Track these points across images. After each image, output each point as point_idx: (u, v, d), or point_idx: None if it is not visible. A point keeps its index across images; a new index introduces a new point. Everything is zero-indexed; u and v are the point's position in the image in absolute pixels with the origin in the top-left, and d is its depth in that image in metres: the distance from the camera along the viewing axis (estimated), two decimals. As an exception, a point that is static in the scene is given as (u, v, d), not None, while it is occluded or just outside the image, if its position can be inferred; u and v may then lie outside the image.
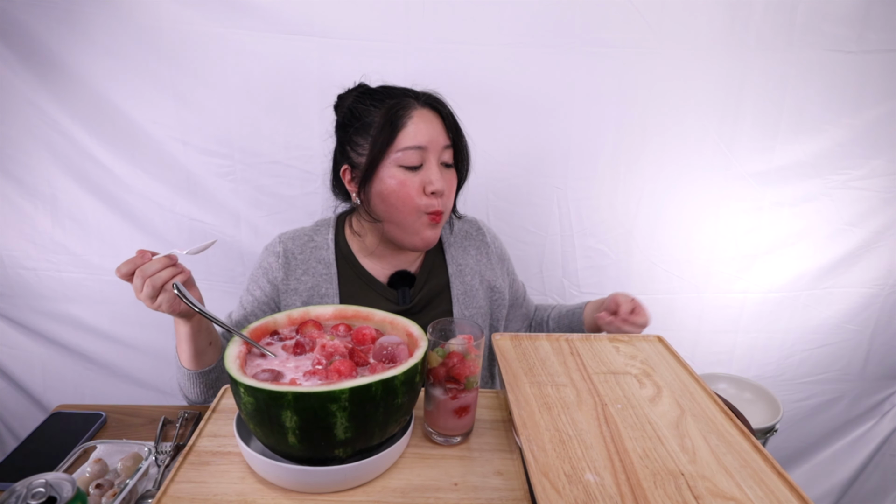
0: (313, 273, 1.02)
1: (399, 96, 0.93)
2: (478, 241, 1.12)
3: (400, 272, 1.03)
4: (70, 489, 0.59)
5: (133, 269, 0.76)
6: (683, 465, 0.62)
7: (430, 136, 0.91)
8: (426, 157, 0.92)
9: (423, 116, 0.92)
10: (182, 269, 0.79)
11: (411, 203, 0.92)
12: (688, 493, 0.58)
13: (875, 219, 1.45)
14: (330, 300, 1.00)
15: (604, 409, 0.72)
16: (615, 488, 0.58)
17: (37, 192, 1.35)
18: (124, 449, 0.86)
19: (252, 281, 1.05)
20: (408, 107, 0.92)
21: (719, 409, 0.73)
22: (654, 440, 0.67)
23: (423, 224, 0.94)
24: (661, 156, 1.39)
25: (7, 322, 1.44)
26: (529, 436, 0.66)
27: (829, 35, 1.29)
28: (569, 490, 0.57)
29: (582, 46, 1.29)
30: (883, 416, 1.66)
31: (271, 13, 1.23)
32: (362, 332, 0.74)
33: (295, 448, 0.63)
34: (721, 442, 0.67)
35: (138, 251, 0.78)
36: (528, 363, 0.82)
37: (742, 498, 0.58)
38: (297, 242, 1.05)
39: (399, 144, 0.90)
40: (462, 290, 1.06)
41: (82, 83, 1.26)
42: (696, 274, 1.50)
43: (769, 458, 0.64)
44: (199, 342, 0.89)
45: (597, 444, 0.65)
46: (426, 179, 0.92)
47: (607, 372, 0.81)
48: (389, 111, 0.91)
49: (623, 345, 0.89)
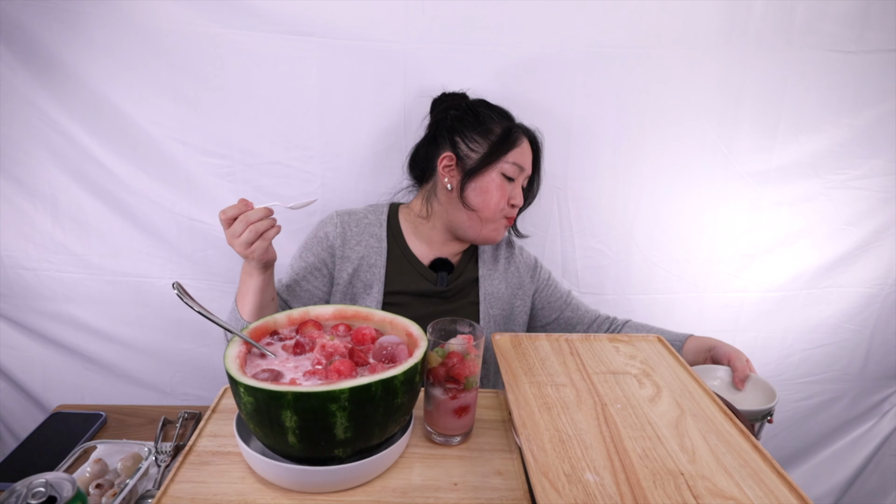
0: (366, 245, 1.15)
1: (513, 120, 1.16)
2: (506, 251, 1.27)
3: (441, 259, 1.18)
4: (70, 489, 0.59)
5: (238, 214, 0.87)
6: (683, 465, 0.63)
7: (526, 161, 1.13)
8: (518, 175, 1.12)
9: (525, 145, 1.13)
10: (276, 223, 0.91)
11: (499, 205, 1.11)
12: (687, 492, 0.58)
13: (874, 218, 1.45)
14: (377, 271, 1.13)
15: (603, 409, 0.72)
16: (615, 488, 0.58)
17: (37, 192, 1.35)
18: (124, 449, 0.86)
19: (306, 249, 1.16)
20: (520, 132, 1.13)
21: (718, 408, 0.74)
22: (654, 440, 0.67)
23: (501, 224, 1.14)
24: (661, 156, 1.39)
25: (7, 322, 1.44)
26: (529, 436, 0.66)
27: (828, 35, 1.29)
28: (568, 490, 0.58)
29: (582, 46, 1.29)
30: (883, 416, 1.66)
31: (271, 13, 1.23)
32: (362, 332, 0.74)
33: (295, 448, 0.63)
34: (720, 442, 0.67)
35: (241, 200, 0.89)
36: (527, 363, 0.83)
37: (741, 497, 0.58)
38: (354, 217, 1.18)
39: (510, 158, 1.10)
40: (488, 292, 1.20)
41: (82, 83, 1.26)
42: (695, 273, 1.50)
43: (768, 457, 0.64)
44: (265, 296, 0.98)
45: (596, 443, 0.65)
46: (513, 193, 1.12)
47: (607, 372, 0.81)
48: (510, 128, 1.11)
49: (623, 345, 0.89)
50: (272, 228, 0.90)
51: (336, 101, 1.31)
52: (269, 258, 0.94)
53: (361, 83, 1.30)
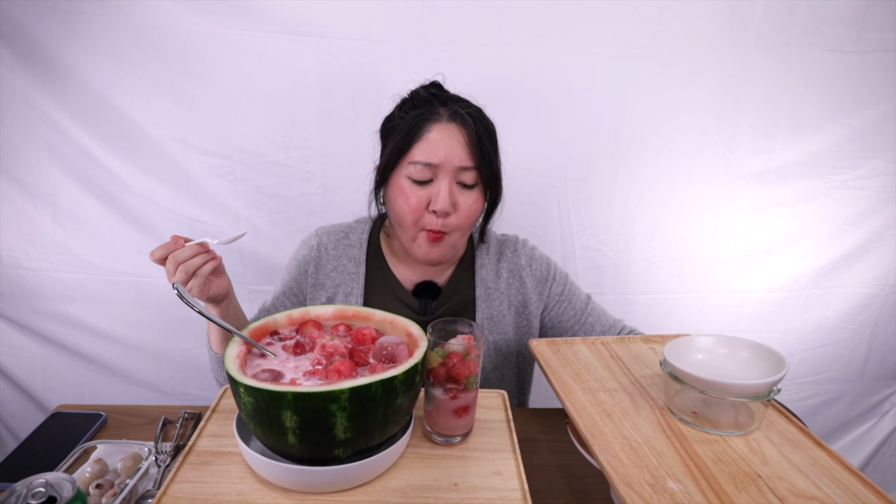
0: (342, 270, 1.02)
1: (429, 105, 0.91)
2: (512, 262, 1.05)
3: (426, 282, 1.01)
4: (70, 489, 0.59)
5: (166, 255, 0.78)
6: (757, 467, 0.61)
7: (446, 153, 0.88)
8: (437, 173, 0.89)
9: (443, 131, 0.88)
10: (214, 256, 0.81)
11: (411, 216, 0.90)
12: (770, 495, 0.57)
13: (874, 218, 1.46)
14: (354, 300, 1.00)
15: (662, 413, 0.70)
16: (701, 496, 0.56)
17: (37, 192, 1.35)
18: (124, 449, 0.86)
19: (286, 270, 1.07)
20: (431, 119, 0.89)
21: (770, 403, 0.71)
22: (721, 442, 0.65)
23: (422, 240, 0.93)
24: (661, 156, 1.39)
25: (7, 322, 1.44)
26: (600, 446, 0.63)
27: (828, 35, 1.29)
28: (656, 500, 0.56)
29: (582, 46, 1.29)
30: (883, 416, 1.66)
31: (271, 13, 1.23)
32: (362, 332, 0.74)
33: (295, 448, 0.63)
34: (784, 440, 0.65)
35: (172, 237, 0.79)
36: (573, 369, 0.80)
37: (824, 497, 0.57)
38: (333, 238, 1.05)
39: (411, 157, 0.89)
40: (488, 315, 1.02)
41: (82, 83, 1.26)
42: (695, 274, 1.50)
43: (835, 454, 0.62)
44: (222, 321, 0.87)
45: (667, 450, 0.63)
46: (433, 196, 0.89)
47: (653, 374, 0.79)
48: (412, 120, 0.89)
49: (658, 345, 0.87)
50: (206, 264, 0.79)
51: (336, 101, 1.31)
52: (213, 294, 0.83)
53: (361, 83, 1.30)
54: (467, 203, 0.91)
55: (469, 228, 0.96)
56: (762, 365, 0.70)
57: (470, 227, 0.96)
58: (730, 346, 0.75)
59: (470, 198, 0.92)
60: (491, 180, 0.92)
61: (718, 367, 0.73)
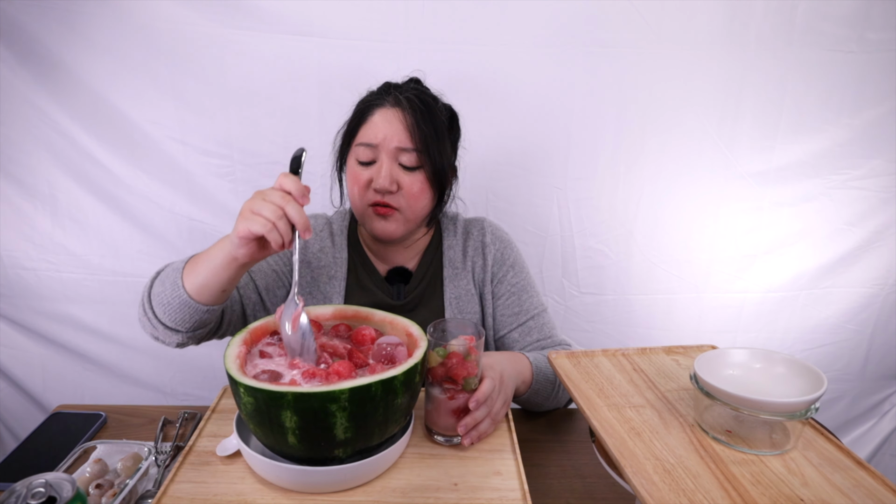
0: (327, 252, 1.05)
1: (380, 93, 0.97)
2: (477, 239, 1.07)
3: (397, 268, 1.05)
4: (70, 489, 0.59)
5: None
6: (798, 489, 0.57)
7: (385, 135, 0.92)
8: (378, 154, 0.93)
9: (386, 115, 0.93)
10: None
11: (359, 194, 0.95)
12: None
13: (874, 218, 1.45)
14: (337, 282, 1.03)
15: (692, 431, 0.67)
16: None
17: (37, 192, 1.35)
18: (124, 449, 0.86)
19: None
20: (376, 104, 0.94)
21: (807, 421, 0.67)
22: (758, 463, 0.61)
23: (370, 216, 0.96)
24: (661, 156, 1.39)
25: (7, 322, 1.44)
26: (633, 469, 0.60)
27: (829, 35, 1.29)
28: None
29: (582, 46, 1.29)
30: (883, 416, 1.66)
31: (271, 13, 1.23)
32: (362, 332, 0.74)
33: (295, 448, 0.63)
34: (823, 460, 0.61)
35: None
36: (595, 383, 0.77)
37: None
38: (318, 222, 1.09)
39: (357, 139, 0.95)
40: (455, 295, 1.04)
41: (82, 83, 1.26)
42: (695, 274, 1.50)
43: (878, 474, 0.59)
44: (219, 278, 0.80)
45: (702, 472, 0.60)
46: (374, 175, 0.93)
47: (679, 388, 0.75)
48: (360, 106, 0.96)
49: (681, 357, 0.84)
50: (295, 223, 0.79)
51: (336, 101, 1.31)
52: (253, 252, 0.77)
53: (361, 83, 1.30)
54: (410, 184, 0.94)
55: (419, 211, 0.97)
56: (799, 381, 0.67)
57: (419, 210, 0.97)
58: (765, 361, 0.71)
59: (413, 179, 0.94)
60: (434, 164, 0.94)
61: (752, 382, 0.69)
